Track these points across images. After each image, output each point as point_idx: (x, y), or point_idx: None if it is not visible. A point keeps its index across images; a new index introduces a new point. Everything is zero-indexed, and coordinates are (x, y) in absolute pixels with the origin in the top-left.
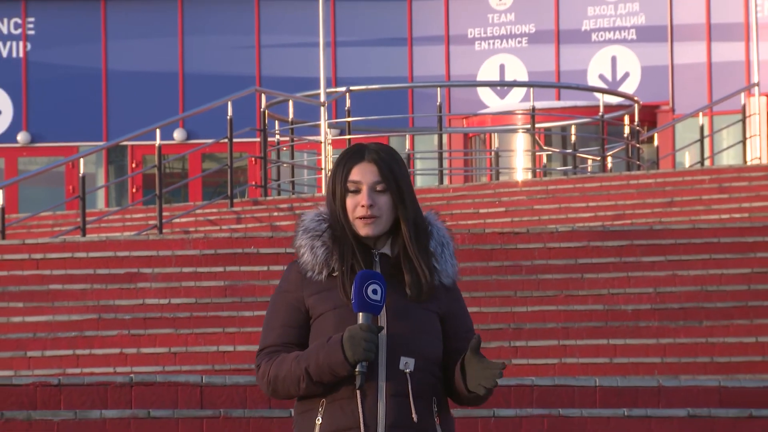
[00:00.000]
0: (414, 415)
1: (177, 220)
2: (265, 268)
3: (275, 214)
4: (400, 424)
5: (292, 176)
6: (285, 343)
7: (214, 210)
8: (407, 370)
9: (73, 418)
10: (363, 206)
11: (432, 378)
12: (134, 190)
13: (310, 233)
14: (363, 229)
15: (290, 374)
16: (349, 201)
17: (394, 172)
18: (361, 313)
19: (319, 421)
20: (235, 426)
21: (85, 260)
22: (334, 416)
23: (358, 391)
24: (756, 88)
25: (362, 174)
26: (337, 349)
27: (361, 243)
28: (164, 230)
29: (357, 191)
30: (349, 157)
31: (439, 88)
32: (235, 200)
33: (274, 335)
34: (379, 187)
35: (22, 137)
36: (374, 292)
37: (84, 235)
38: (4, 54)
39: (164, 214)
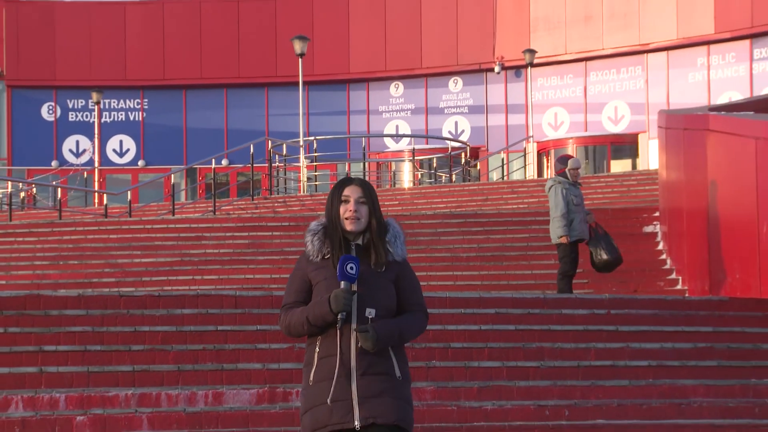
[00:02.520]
0: (367, 347)
1: (223, 208)
2: (270, 233)
3: (276, 204)
4: (365, 351)
5: (285, 185)
6: (296, 301)
7: (243, 202)
8: (370, 316)
9: (166, 314)
10: (350, 210)
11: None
12: (200, 192)
13: (311, 232)
14: (350, 226)
15: (298, 321)
16: (342, 208)
17: (371, 193)
18: (342, 282)
19: (317, 349)
20: (254, 318)
21: (173, 228)
22: (326, 346)
23: (338, 330)
24: (531, 138)
25: (351, 192)
26: (325, 305)
27: (345, 237)
28: (216, 213)
29: (347, 201)
30: (344, 182)
31: (363, 138)
32: (254, 197)
33: (291, 297)
34: (361, 200)
35: (140, 163)
36: (351, 268)
37: (173, 215)
38: (131, 119)
39: (216, 204)
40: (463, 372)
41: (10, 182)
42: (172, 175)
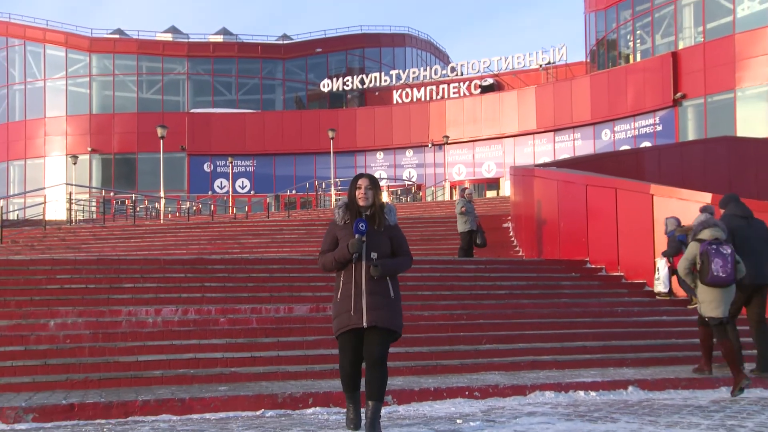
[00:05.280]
0: (374, 275)
1: (292, 214)
2: (316, 227)
3: (319, 213)
4: (372, 278)
5: (323, 203)
6: (328, 249)
7: (303, 212)
8: (374, 257)
9: (264, 267)
10: (362, 194)
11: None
12: (281, 206)
13: (338, 207)
14: (362, 203)
15: (329, 260)
16: (357, 192)
17: (375, 184)
18: (356, 235)
19: (341, 278)
20: (308, 270)
21: (268, 225)
22: (347, 275)
23: (353, 265)
24: (447, 180)
25: (363, 182)
26: (345, 248)
27: (359, 210)
28: (290, 217)
29: (360, 188)
30: (359, 176)
31: None
32: (308, 209)
33: (325, 246)
34: (369, 188)
35: (252, 192)
36: (362, 226)
37: (268, 218)
38: (247, 170)
39: (289, 213)
40: (413, 297)
41: (188, 202)
42: (267, 198)
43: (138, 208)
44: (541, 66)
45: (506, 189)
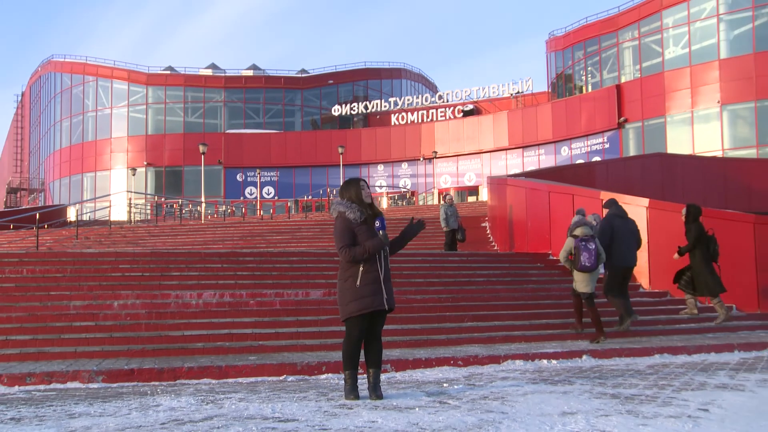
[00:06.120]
0: (388, 266)
1: (309, 215)
2: (330, 226)
3: (330, 215)
4: (386, 268)
5: (334, 207)
6: (351, 243)
7: (317, 214)
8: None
9: (286, 259)
10: (368, 193)
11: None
12: (300, 209)
13: (350, 208)
14: (367, 199)
15: (360, 252)
16: (363, 192)
17: (368, 185)
18: (381, 231)
19: (361, 267)
20: (322, 261)
21: (289, 224)
22: (368, 265)
23: (377, 256)
24: (435, 188)
25: (363, 184)
26: (380, 242)
27: (364, 209)
28: (306, 218)
29: (364, 189)
30: (357, 180)
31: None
32: (321, 212)
33: (347, 240)
34: (368, 188)
35: (276, 198)
36: (383, 224)
37: (289, 218)
38: (272, 180)
39: (307, 214)
40: (407, 284)
41: (224, 206)
42: (288, 202)
43: (183, 211)
44: (511, 95)
45: (484, 195)
